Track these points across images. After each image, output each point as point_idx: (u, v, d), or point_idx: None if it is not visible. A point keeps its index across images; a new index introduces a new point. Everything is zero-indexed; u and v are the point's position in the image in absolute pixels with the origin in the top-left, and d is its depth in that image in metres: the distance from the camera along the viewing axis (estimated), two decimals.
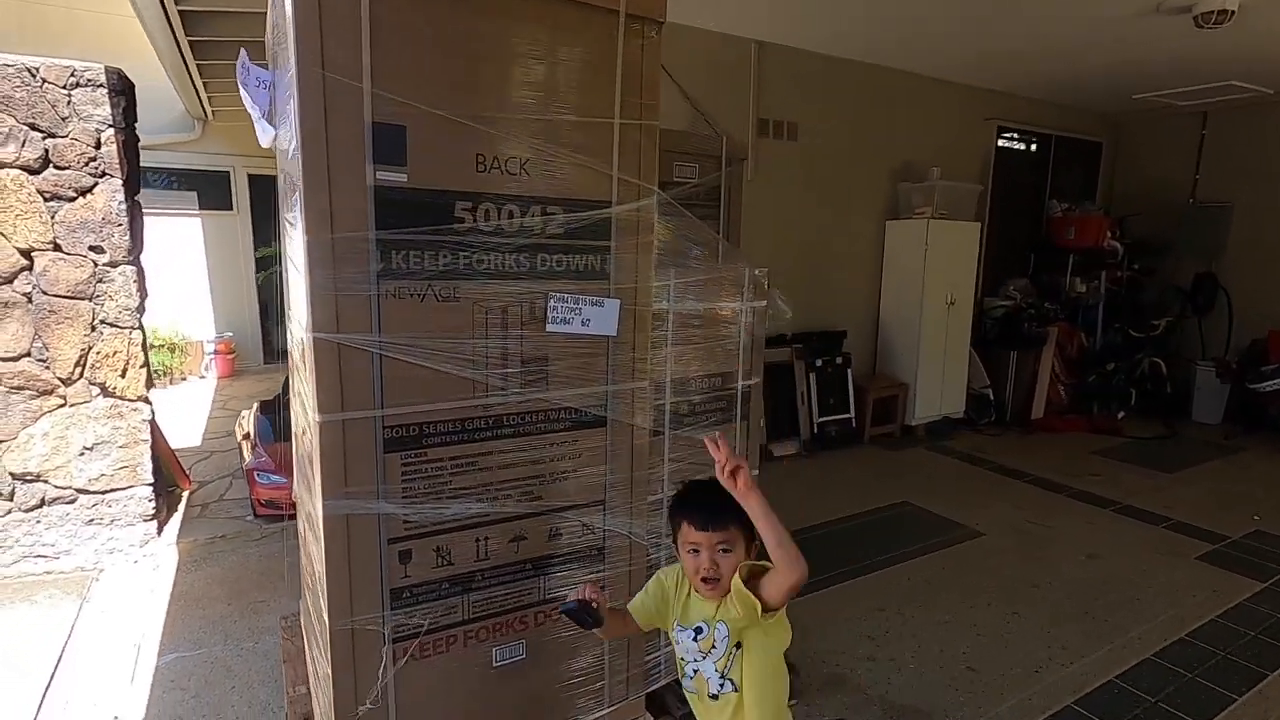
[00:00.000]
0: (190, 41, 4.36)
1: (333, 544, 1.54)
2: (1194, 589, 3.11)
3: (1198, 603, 2.99)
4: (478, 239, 1.59)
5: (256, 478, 3.52)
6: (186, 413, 5.76)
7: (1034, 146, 6.36)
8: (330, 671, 1.59)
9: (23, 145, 2.85)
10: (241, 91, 1.75)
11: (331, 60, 1.38)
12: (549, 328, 1.70)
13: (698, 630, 1.38)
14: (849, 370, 5.17)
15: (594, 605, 1.39)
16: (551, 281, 1.70)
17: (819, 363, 5.03)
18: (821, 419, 5.05)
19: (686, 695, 1.49)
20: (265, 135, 1.82)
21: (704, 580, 1.35)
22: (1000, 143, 6.07)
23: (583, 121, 1.67)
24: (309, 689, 2.07)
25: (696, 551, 1.36)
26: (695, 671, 1.40)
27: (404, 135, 1.47)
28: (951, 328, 5.44)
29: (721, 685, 1.37)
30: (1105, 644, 2.68)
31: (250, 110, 1.78)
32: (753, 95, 4.64)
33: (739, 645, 1.35)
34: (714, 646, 1.36)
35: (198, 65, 4.88)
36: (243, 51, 1.77)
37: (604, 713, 1.94)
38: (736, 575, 1.33)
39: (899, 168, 5.45)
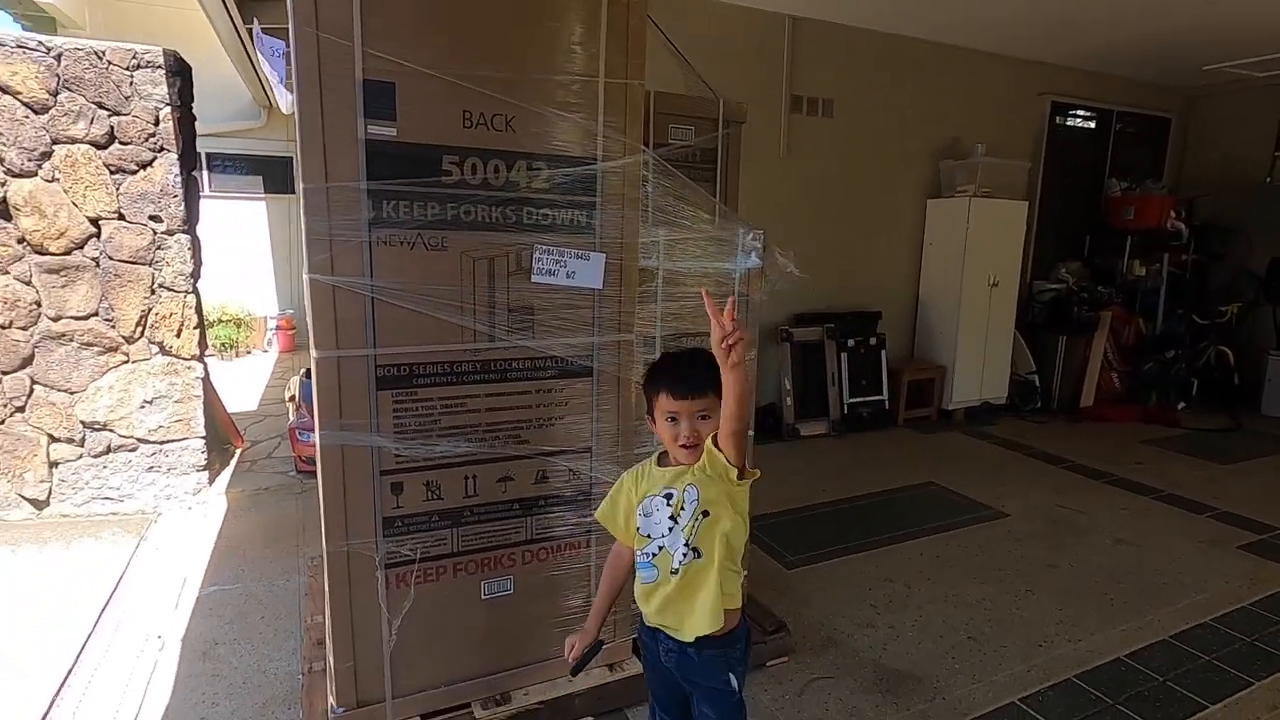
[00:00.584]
0: (248, 29, 4.63)
1: (329, 472, 1.68)
2: (1229, 576, 2.97)
3: (1230, 590, 2.86)
4: (465, 191, 1.69)
5: (298, 435, 3.77)
6: (248, 382, 6.15)
7: (1093, 122, 6.06)
8: (328, 589, 1.73)
9: (91, 123, 3.13)
10: (260, 60, 1.90)
11: (324, 20, 1.50)
12: (534, 278, 1.79)
13: (668, 495, 1.38)
14: (883, 351, 5.09)
15: (582, 649, 1.50)
16: (538, 234, 1.78)
17: (851, 343, 4.97)
18: (853, 399, 4.99)
19: (638, 594, 1.45)
20: (285, 100, 1.97)
21: (684, 447, 1.36)
22: (1056, 119, 5.81)
23: (569, 80, 1.74)
24: (325, 617, 2.24)
25: (675, 420, 1.36)
26: (659, 549, 1.38)
27: (393, 91, 1.58)
28: (994, 310, 5.28)
29: (685, 556, 1.35)
30: (1120, 624, 2.60)
31: (270, 76, 1.92)
32: (786, 71, 4.61)
33: (705, 514, 1.35)
34: (682, 509, 1.36)
35: (258, 51, 5.18)
36: (255, 21, 1.92)
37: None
38: (709, 440, 1.33)
39: (943, 145, 5.30)
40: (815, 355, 4.91)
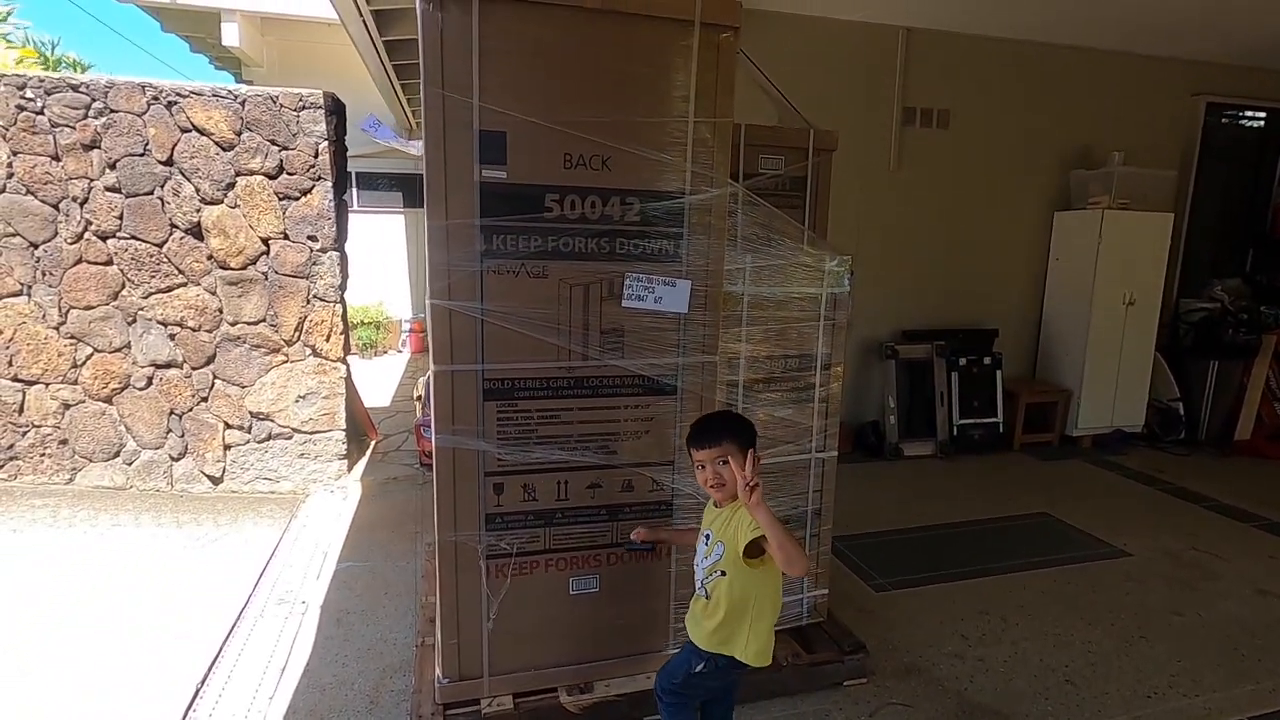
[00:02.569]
0: (395, 65, 5.18)
1: (442, 470, 1.92)
2: None
3: None
4: (564, 225, 1.88)
5: (423, 432, 4.17)
6: (382, 380, 6.80)
7: (1260, 124, 5.44)
8: (438, 574, 1.98)
9: (266, 157, 3.66)
10: (377, 139, 2.22)
11: (449, 81, 1.73)
12: (624, 304, 1.95)
13: (707, 536, 1.70)
14: (998, 371, 4.85)
15: (641, 541, 1.95)
16: (629, 263, 1.94)
17: (963, 361, 4.78)
18: (963, 421, 4.79)
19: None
20: (409, 147, 2.27)
21: (712, 487, 1.66)
22: (1212, 121, 5.28)
23: (660, 121, 1.89)
24: (436, 598, 2.52)
25: (703, 467, 1.66)
26: (695, 569, 1.75)
27: (505, 140, 1.80)
28: (1130, 331, 4.88)
29: (700, 588, 1.70)
30: (1248, 683, 2.39)
31: (391, 144, 2.24)
32: (898, 84, 4.52)
33: (723, 573, 1.63)
34: (709, 557, 1.67)
35: (401, 84, 5.76)
36: (371, 114, 2.24)
37: (668, 651, 2.16)
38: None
39: (1073, 153, 4.98)
40: (922, 373, 4.76)
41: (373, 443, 4.66)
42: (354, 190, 7.99)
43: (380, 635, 2.57)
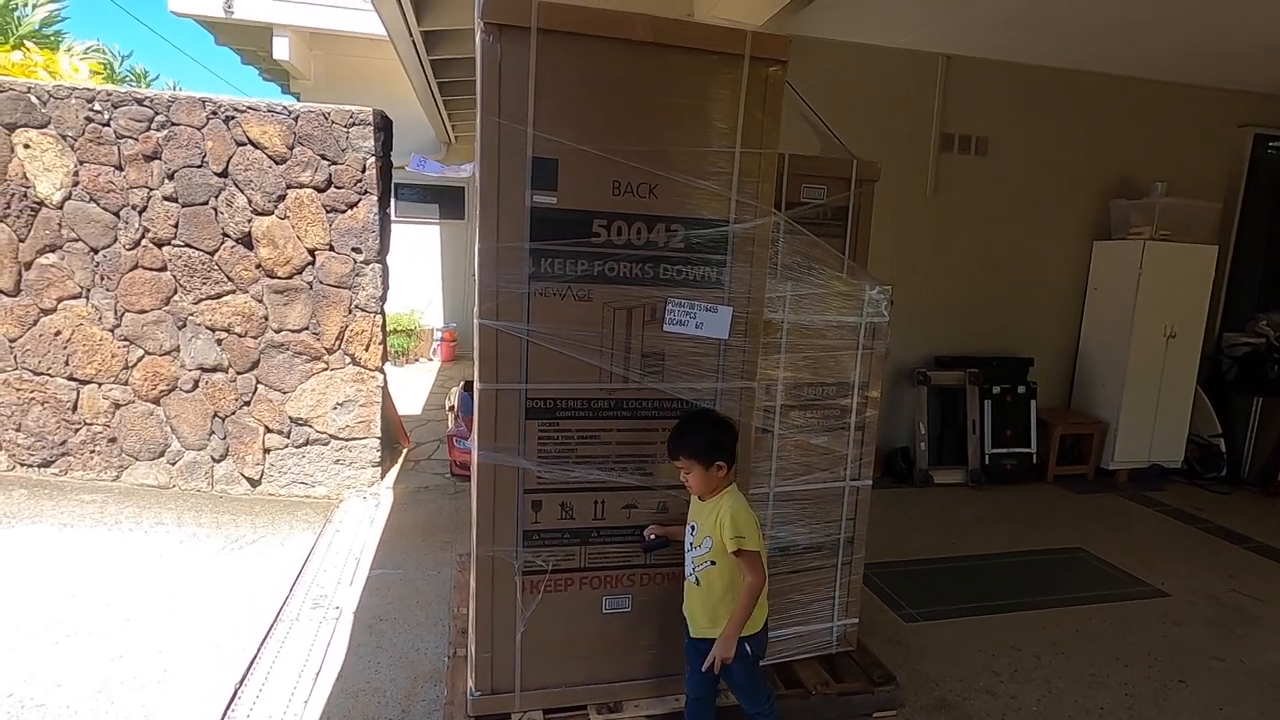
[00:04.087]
0: (439, 83, 5.32)
1: (483, 486, 1.96)
2: None
3: None
4: (610, 250, 1.92)
5: (455, 443, 4.23)
6: (414, 387, 6.91)
7: None
8: (474, 587, 2.02)
9: (315, 171, 3.78)
10: (426, 173, 2.30)
11: (505, 109, 1.79)
12: (666, 328, 1.99)
13: (693, 528, 1.91)
14: (1033, 400, 4.78)
15: (655, 537, 2.05)
16: (671, 288, 1.98)
17: (996, 389, 4.73)
18: (995, 450, 4.73)
19: None
20: (459, 171, 2.35)
21: (690, 489, 1.91)
22: (1257, 152, 5.18)
23: (706, 151, 1.93)
24: (469, 610, 2.56)
25: (679, 471, 1.91)
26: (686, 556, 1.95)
27: (556, 166, 1.85)
28: (1170, 364, 4.78)
29: (691, 574, 1.92)
30: None
31: (439, 175, 2.32)
32: (937, 110, 4.52)
33: (713, 563, 1.85)
34: (697, 547, 1.89)
35: (444, 100, 5.91)
36: (415, 154, 2.33)
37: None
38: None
39: (1113, 183, 4.92)
40: (954, 400, 4.72)
41: (405, 450, 4.74)
42: (393, 201, 8.17)
43: (412, 643, 2.62)
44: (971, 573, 3.45)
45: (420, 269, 8.40)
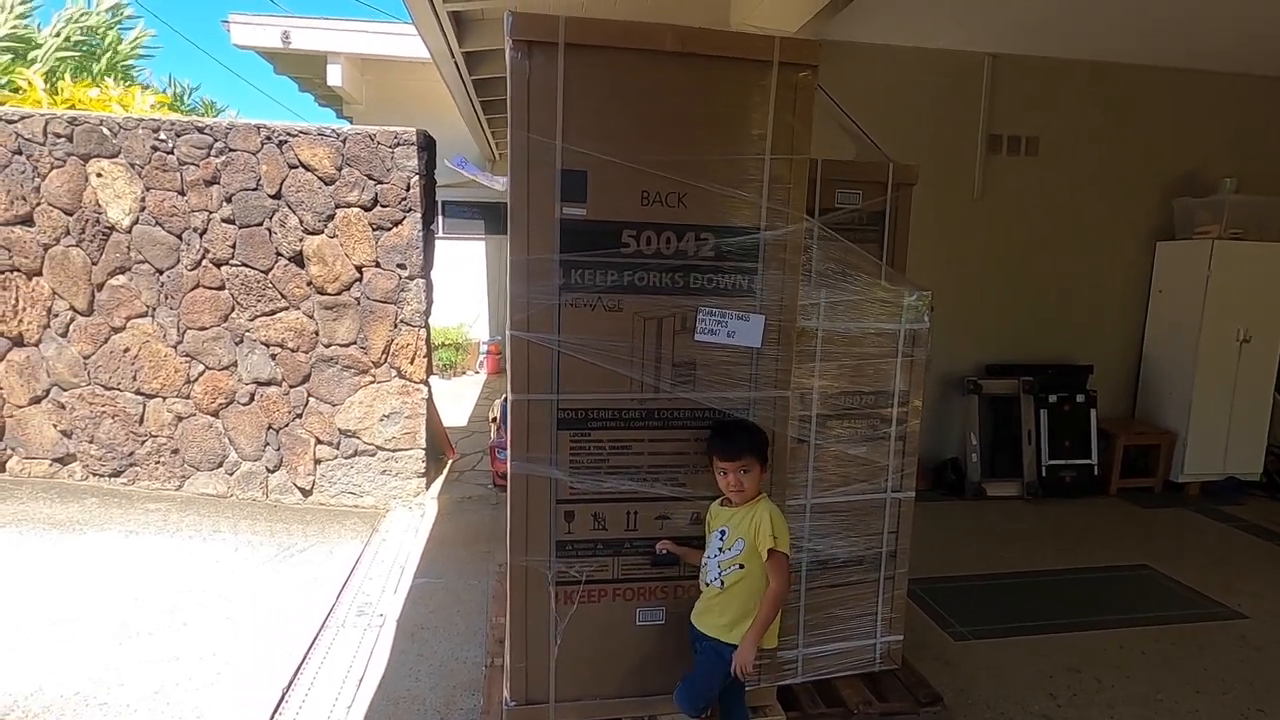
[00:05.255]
0: (481, 101, 5.45)
1: (516, 496, 1.98)
2: None
3: None
4: (639, 260, 1.92)
5: (497, 453, 4.29)
6: (460, 400, 7.05)
7: None
8: (509, 597, 2.03)
9: (362, 191, 3.91)
10: (464, 173, 2.35)
11: (534, 123, 1.82)
12: (697, 337, 1.97)
13: (722, 533, 1.89)
14: (1092, 410, 4.57)
15: (667, 551, 2.03)
16: (702, 297, 1.96)
17: (1053, 398, 4.53)
18: (1052, 461, 4.53)
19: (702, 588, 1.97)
20: (494, 183, 2.39)
21: (733, 492, 1.89)
22: None
23: (736, 159, 1.92)
24: (505, 620, 2.58)
25: (725, 473, 1.88)
26: (705, 565, 1.93)
27: (585, 178, 1.86)
28: (1245, 370, 4.50)
29: (715, 580, 1.89)
30: None
31: (476, 178, 2.36)
32: (983, 111, 4.40)
33: (742, 566, 1.85)
34: (726, 551, 1.87)
35: (486, 118, 6.05)
36: (458, 154, 2.38)
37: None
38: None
39: (1177, 181, 4.69)
40: (1008, 410, 4.55)
41: (450, 461, 4.83)
42: (440, 218, 8.38)
43: (452, 652, 2.65)
44: (1027, 589, 3.30)
45: (467, 284, 8.59)
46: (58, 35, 9.09)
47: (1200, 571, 3.48)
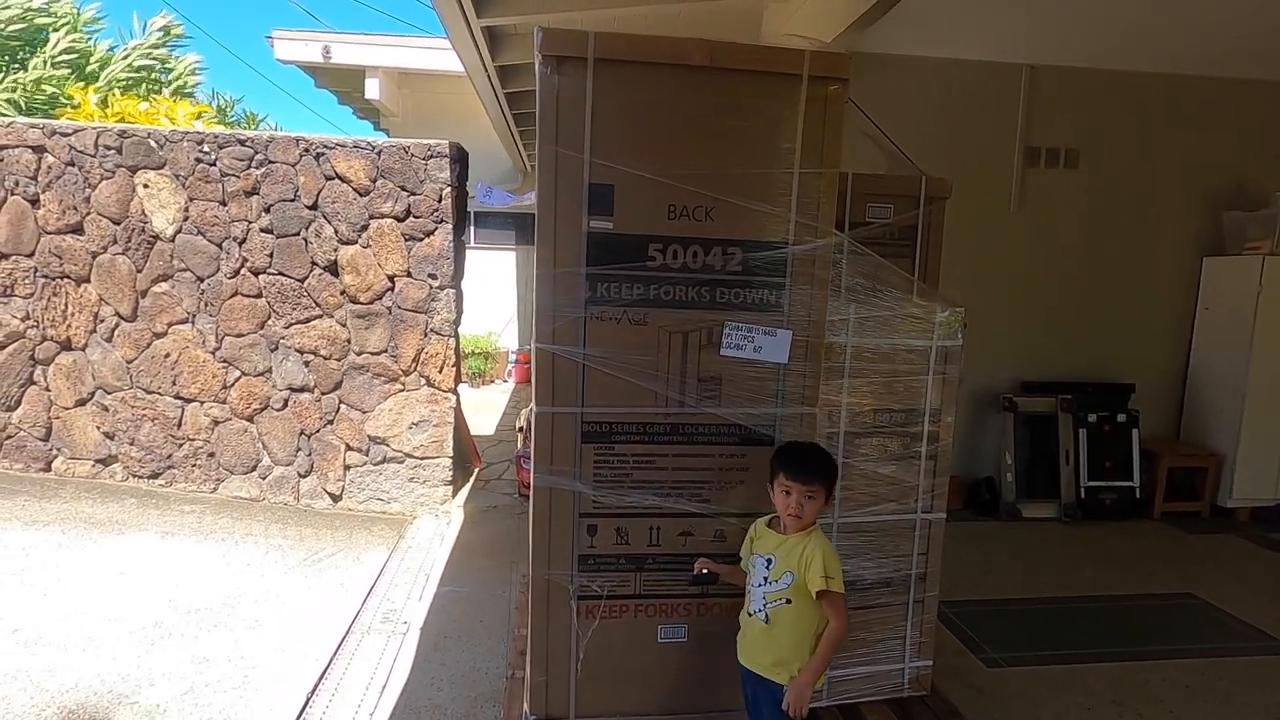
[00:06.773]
0: (514, 114, 5.52)
1: (539, 508, 1.97)
2: None
3: None
4: (666, 274, 1.92)
5: (523, 463, 4.30)
6: (489, 408, 7.10)
7: None
8: (530, 610, 2.02)
9: (395, 202, 3.98)
10: (491, 205, 2.36)
11: (563, 138, 1.83)
12: (723, 352, 1.95)
13: (769, 561, 1.75)
14: (1134, 429, 4.41)
15: (706, 571, 1.93)
16: (729, 312, 1.95)
17: (1093, 418, 4.39)
18: (1092, 483, 4.38)
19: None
20: (521, 200, 2.41)
21: (791, 515, 1.73)
22: None
23: (765, 173, 1.90)
24: (527, 632, 2.57)
25: (789, 493, 1.72)
26: (750, 591, 1.80)
27: (612, 192, 1.87)
28: None
29: (760, 612, 1.75)
30: None
31: (500, 203, 2.38)
32: (1021, 123, 4.31)
33: (788, 601, 1.70)
34: (773, 582, 1.73)
35: (519, 130, 6.12)
36: (480, 183, 2.39)
37: None
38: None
39: (1225, 194, 4.53)
40: (1045, 429, 4.41)
41: (476, 470, 4.86)
42: (471, 228, 8.50)
43: (474, 663, 2.65)
44: (1064, 616, 3.18)
45: (498, 293, 8.67)
46: (125, 59, 9.56)
47: (1250, 601, 3.32)
